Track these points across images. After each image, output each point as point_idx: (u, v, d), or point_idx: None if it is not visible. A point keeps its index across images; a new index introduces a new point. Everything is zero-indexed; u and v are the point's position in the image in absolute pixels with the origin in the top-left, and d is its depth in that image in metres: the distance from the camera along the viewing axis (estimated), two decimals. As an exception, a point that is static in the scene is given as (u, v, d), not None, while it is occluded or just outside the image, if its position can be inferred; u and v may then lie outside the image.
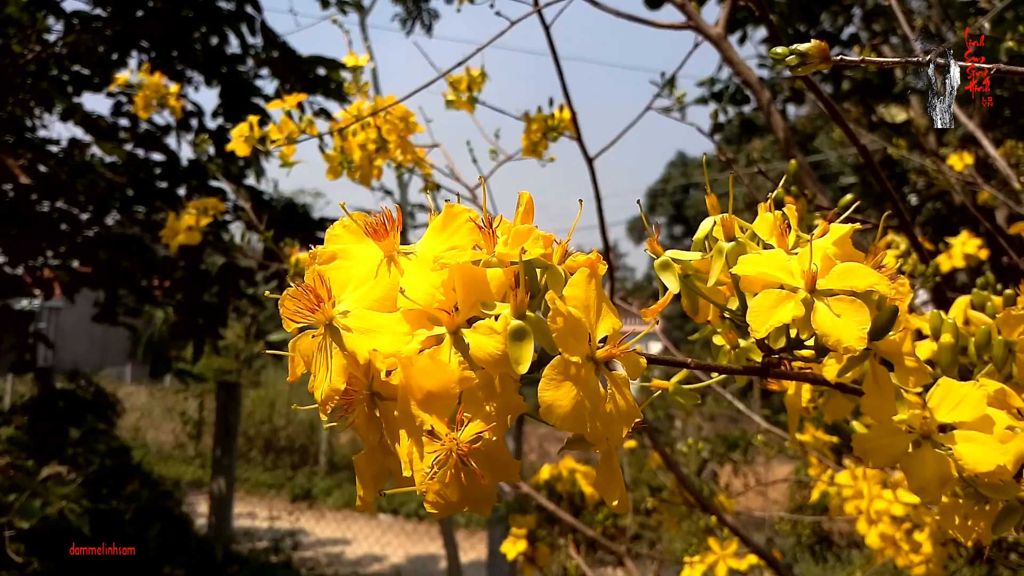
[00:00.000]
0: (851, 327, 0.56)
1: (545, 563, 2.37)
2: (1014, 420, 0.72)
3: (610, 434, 0.50)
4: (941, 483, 0.67)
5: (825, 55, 0.59)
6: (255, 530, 6.47)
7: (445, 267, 0.51)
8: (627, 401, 0.51)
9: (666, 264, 0.66)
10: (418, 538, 6.89)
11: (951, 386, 0.69)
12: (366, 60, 2.68)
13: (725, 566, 1.95)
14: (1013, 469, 0.70)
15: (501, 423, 0.51)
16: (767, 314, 0.58)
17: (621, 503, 0.53)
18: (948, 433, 0.68)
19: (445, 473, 0.49)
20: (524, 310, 0.49)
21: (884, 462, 0.69)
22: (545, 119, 2.04)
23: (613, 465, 0.53)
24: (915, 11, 4.90)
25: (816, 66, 0.60)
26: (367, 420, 0.55)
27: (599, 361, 0.50)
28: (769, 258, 0.61)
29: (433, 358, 0.49)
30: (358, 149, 1.87)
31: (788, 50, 0.61)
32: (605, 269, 0.54)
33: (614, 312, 0.53)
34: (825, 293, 0.58)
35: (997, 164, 2.64)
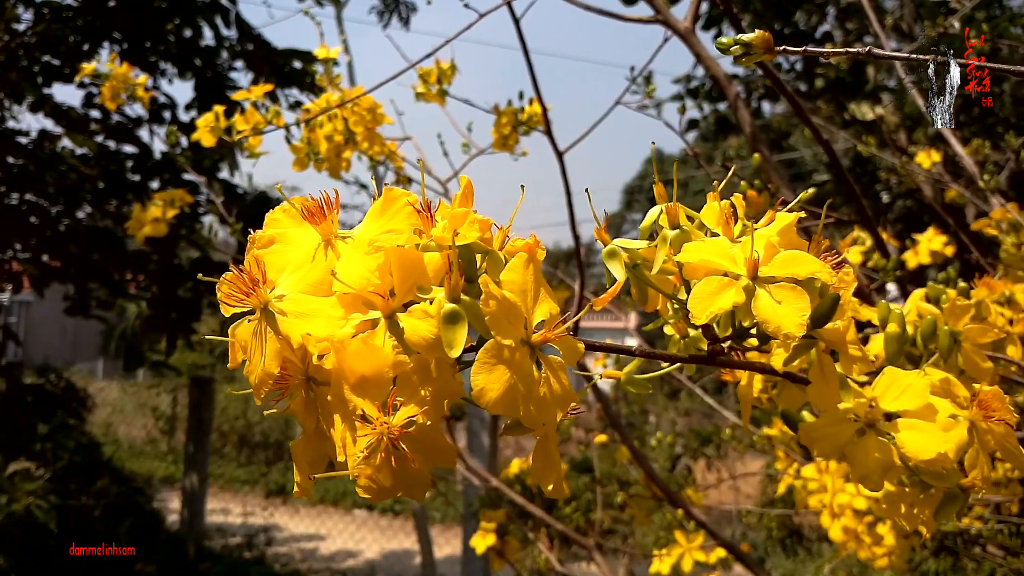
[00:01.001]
0: (791, 314, 0.57)
1: (514, 557, 2.38)
2: (957, 409, 0.73)
3: (545, 418, 0.50)
4: (883, 471, 0.68)
5: (769, 46, 0.60)
6: (228, 526, 6.42)
7: (380, 250, 0.50)
8: (562, 385, 0.51)
9: (613, 253, 0.66)
10: (393, 533, 6.88)
11: (896, 375, 0.69)
12: (337, 52, 2.66)
13: (691, 559, 1.96)
14: (955, 457, 0.70)
15: (436, 408, 0.50)
16: (708, 301, 0.58)
17: (556, 489, 0.53)
18: (892, 422, 0.69)
19: (376, 457, 0.49)
20: (458, 294, 0.48)
21: (829, 451, 0.70)
22: (515, 112, 2.04)
23: (549, 450, 0.53)
24: (888, 11, 4.95)
25: (760, 56, 0.60)
26: (304, 405, 0.54)
27: (535, 345, 0.50)
28: (712, 246, 0.61)
29: (365, 342, 0.49)
30: (324, 141, 1.86)
31: (732, 40, 0.61)
32: (544, 254, 0.54)
33: (552, 297, 0.52)
34: (767, 280, 0.58)
35: (964, 162, 2.68)
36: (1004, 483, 2.04)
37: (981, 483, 0.71)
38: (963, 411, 0.71)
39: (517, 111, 2.05)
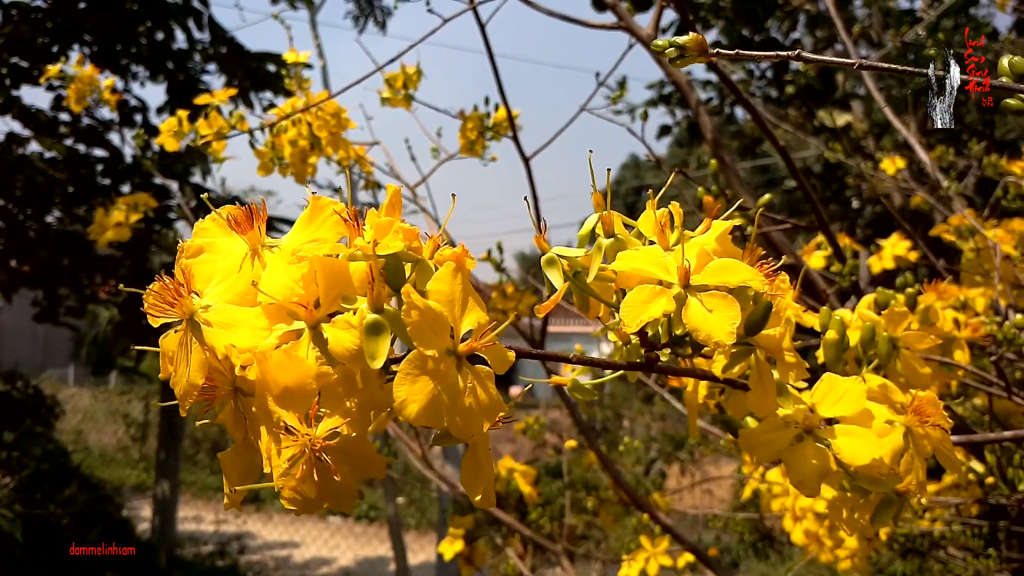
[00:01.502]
0: (721, 322, 0.57)
1: (483, 563, 2.37)
2: (894, 415, 0.74)
3: (471, 428, 0.50)
4: (820, 477, 0.68)
5: (702, 48, 0.60)
6: (201, 534, 6.36)
7: (304, 260, 0.50)
8: (490, 395, 0.51)
9: (552, 260, 0.66)
10: (367, 540, 6.84)
11: (834, 381, 0.70)
12: (307, 56, 2.65)
13: (656, 563, 1.97)
14: (890, 462, 0.71)
15: (362, 419, 0.50)
16: (639, 309, 0.58)
17: (485, 498, 0.53)
18: (830, 428, 0.70)
19: (299, 469, 0.48)
20: (381, 304, 0.48)
21: (768, 457, 0.70)
22: (480, 118, 2.04)
23: (479, 459, 0.53)
24: (858, 19, 5.02)
25: (695, 59, 0.61)
26: (233, 416, 0.54)
27: (461, 355, 0.50)
28: (646, 254, 0.61)
29: (287, 353, 0.48)
30: (288, 146, 1.85)
31: (667, 42, 0.61)
32: (474, 264, 0.54)
33: (481, 307, 0.52)
34: (698, 289, 0.59)
35: (928, 169, 2.72)
36: (964, 485, 2.07)
37: (916, 488, 0.71)
38: (899, 417, 0.72)
39: (483, 116, 2.05)
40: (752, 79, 4.53)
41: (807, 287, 1.64)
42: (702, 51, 0.59)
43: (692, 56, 0.60)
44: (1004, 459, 1.43)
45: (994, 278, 1.70)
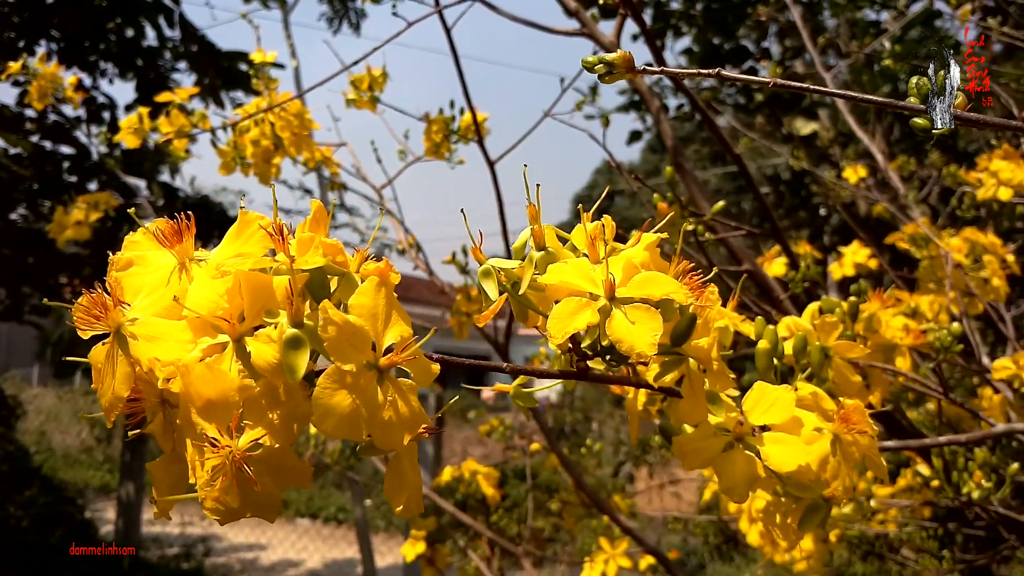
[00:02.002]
0: (644, 334, 0.58)
1: (445, 564, 2.38)
2: (823, 422, 0.76)
3: (390, 441, 0.51)
4: (748, 483, 0.70)
5: (630, 65, 0.61)
6: (166, 536, 6.29)
7: (227, 274, 0.51)
8: (411, 407, 0.52)
9: (487, 272, 0.68)
10: (335, 542, 6.80)
11: (765, 390, 0.72)
12: (274, 56, 2.64)
13: (615, 565, 1.98)
14: (817, 468, 0.73)
15: (285, 430, 0.51)
16: (565, 321, 0.59)
17: (407, 509, 0.54)
18: (759, 435, 0.71)
19: (221, 480, 0.49)
20: (301, 318, 0.49)
21: (699, 464, 0.72)
22: (446, 121, 2.05)
23: (401, 470, 0.54)
24: (827, 30, 5.09)
25: (623, 75, 0.62)
26: (163, 427, 0.55)
27: (382, 369, 0.51)
28: (574, 267, 0.62)
29: (210, 366, 0.49)
30: (251, 145, 1.84)
31: (597, 59, 0.62)
32: (399, 279, 0.55)
33: (405, 320, 0.53)
34: (624, 301, 0.60)
35: (889, 177, 2.77)
36: (917, 488, 2.12)
37: (843, 493, 0.74)
38: (828, 424, 0.74)
39: (448, 119, 2.06)
40: (723, 86, 4.58)
41: (765, 293, 1.67)
42: (629, 68, 0.61)
43: (620, 73, 0.61)
44: (950, 463, 1.46)
45: (946, 286, 1.74)
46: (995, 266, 1.69)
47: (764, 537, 1.88)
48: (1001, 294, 1.68)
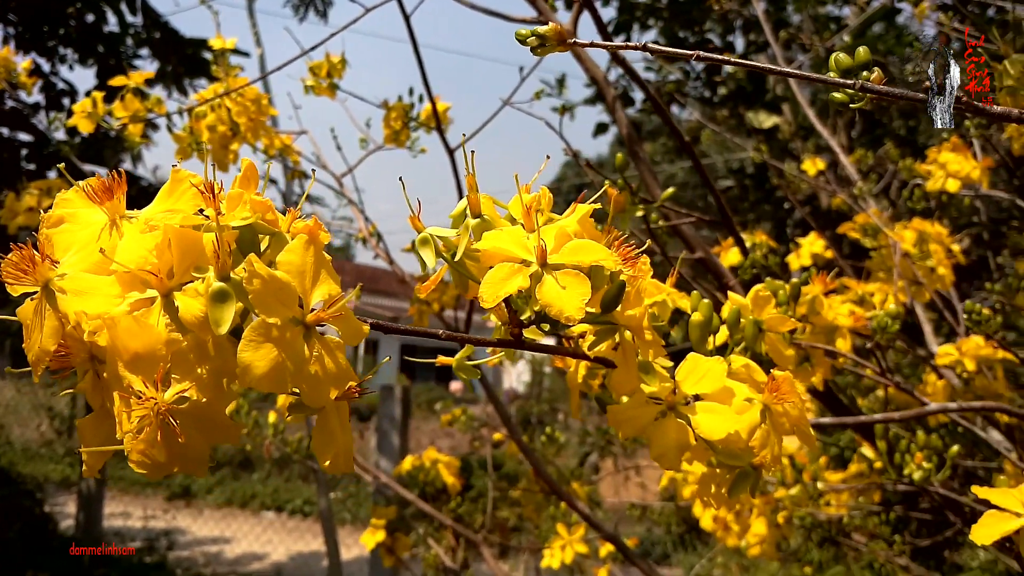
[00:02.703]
0: (572, 298, 0.60)
1: (404, 552, 2.38)
2: (754, 393, 0.78)
3: (317, 396, 0.52)
4: (679, 451, 0.72)
5: (562, 39, 0.63)
6: (128, 530, 6.21)
7: (156, 229, 0.51)
8: (338, 364, 0.52)
9: (425, 240, 0.69)
10: (300, 535, 6.77)
11: (697, 361, 0.74)
12: (234, 43, 2.61)
13: (572, 551, 2.01)
14: (747, 437, 0.75)
15: (214, 385, 0.51)
16: (498, 285, 0.60)
17: (334, 463, 0.54)
18: (691, 405, 0.73)
19: (147, 433, 0.49)
20: (227, 273, 0.49)
21: (632, 432, 0.74)
22: (404, 108, 2.05)
23: (330, 426, 0.55)
24: (792, 24, 5.16)
25: (554, 48, 0.63)
26: (92, 384, 0.55)
27: (309, 325, 0.51)
28: (508, 234, 0.63)
29: (137, 319, 0.49)
30: (207, 131, 1.83)
31: (529, 32, 0.64)
32: (328, 238, 0.56)
33: (334, 279, 0.54)
34: (554, 267, 0.61)
35: (847, 171, 2.82)
36: (867, 474, 2.17)
37: (771, 461, 0.76)
38: (758, 395, 0.76)
39: (407, 107, 2.06)
40: (688, 80, 4.63)
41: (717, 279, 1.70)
42: (561, 41, 0.62)
43: (552, 46, 0.63)
44: (894, 445, 1.50)
45: (895, 275, 1.78)
46: (941, 255, 1.73)
47: (717, 522, 1.92)
48: (947, 282, 1.73)
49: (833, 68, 0.57)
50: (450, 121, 2.33)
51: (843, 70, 0.56)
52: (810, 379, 1.18)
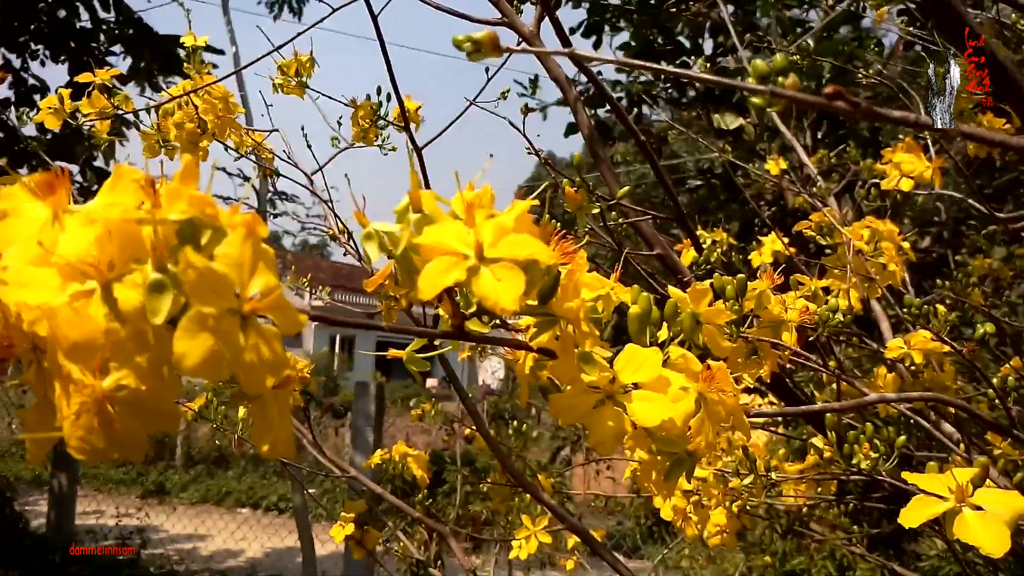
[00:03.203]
0: (508, 290, 0.62)
1: (374, 546, 2.40)
2: (690, 382, 0.81)
3: (254, 383, 0.54)
4: (616, 437, 0.75)
5: (496, 44, 0.65)
6: (101, 528, 6.16)
7: (96, 222, 0.53)
8: (274, 352, 0.55)
9: (370, 235, 0.71)
10: (275, 531, 6.76)
11: (635, 351, 0.77)
12: (206, 40, 2.61)
13: (536, 541, 2.04)
14: (681, 424, 0.78)
15: (153, 373, 0.53)
16: (436, 278, 0.63)
17: (273, 449, 0.57)
18: (629, 393, 0.76)
19: (84, 419, 0.51)
20: (164, 264, 0.52)
21: (572, 419, 0.76)
22: (373, 107, 2.06)
23: (267, 413, 0.57)
24: (761, 28, 5.22)
25: (489, 54, 0.66)
26: (36, 375, 0.57)
27: (245, 314, 0.54)
28: (447, 228, 0.66)
29: (77, 309, 0.51)
30: (174, 128, 1.83)
31: (465, 37, 0.66)
32: (267, 232, 0.58)
33: (272, 270, 0.56)
34: (491, 261, 0.64)
35: (809, 171, 2.87)
36: (824, 465, 2.21)
37: (705, 448, 0.79)
38: (694, 384, 0.79)
39: (375, 105, 2.08)
40: (659, 81, 4.67)
41: (675, 275, 1.73)
42: (495, 46, 0.64)
43: (487, 51, 0.65)
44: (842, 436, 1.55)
45: (848, 271, 1.83)
46: (892, 252, 1.78)
47: (677, 512, 1.96)
48: (897, 279, 1.78)
49: (752, 74, 0.60)
50: (421, 120, 2.35)
51: (759, 76, 0.59)
52: (758, 371, 1.22)
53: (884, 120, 0.51)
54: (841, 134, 4.08)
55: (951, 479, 0.83)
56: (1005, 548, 0.77)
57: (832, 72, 3.78)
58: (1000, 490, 0.82)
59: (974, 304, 2.76)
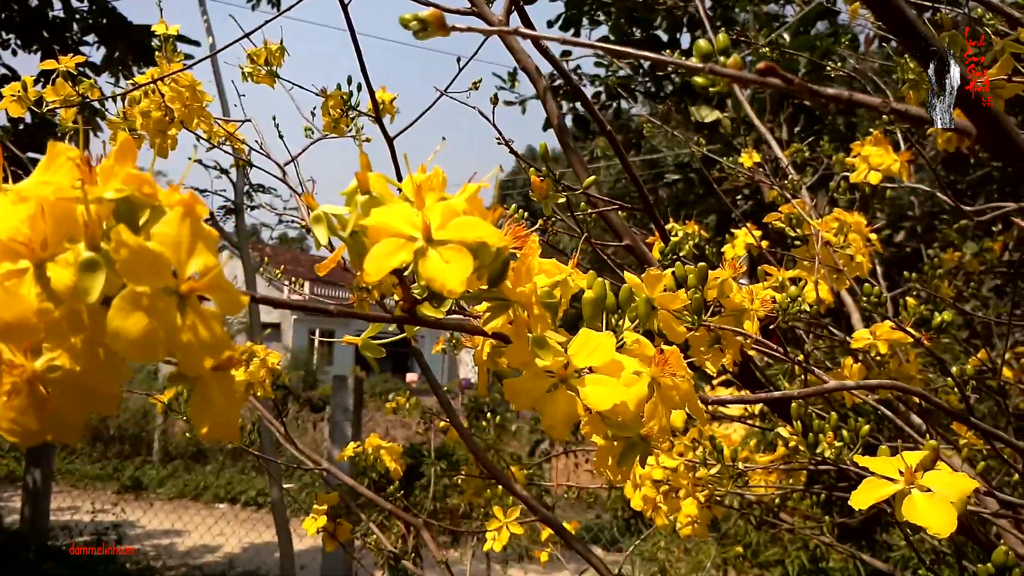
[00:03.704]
0: (455, 272, 0.62)
1: (346, 538, 2.40)
2: (643, 366, 0.81)
3: (191, 363, 0.53)
4: (568, 421, 0.75)
5: (442, 23, 0.65)
6: (76, 524, 6.11)
7: (28, 200, 0.52)
8: (212, 333, 0.54)
9: (319, 218, 0.71)
10: (253, 526, 6.72)
11: (589, 335, 0.77)
12: (177, 29, 2.58)
13: (507, 533, 2.04)
14: (634, 408, 0.78)
15: (88, 354, 0.53)
16: (381, 260, 0.63)
17: (212, 432, 0.56)
18: (582, 377, 0.76)
19: (17, 400, 0.51)
20: (97, 243, 0.51)
21: (526, 404, 0.76)
22: (343, 96, 2.05)
23: (206, 395, 0.57)
24: (739, 23, 5.24)
25: (436, 33, 0.66)
26: (-28, 357, 0.56)
27: (183, 294, 0.53)
28: (394, 210, 0.66)
29: (8, 290, 0.50)
30: (140, 116, 1.81)
31: (411, 16, 0.66)
32: (207, 212, 0.57)
33: (211, 251, 0.56)
34: (440, 243, 0.64)
35: (783, 164, 2.89)
36: (791, 455, 2.23)
37: (658, 433, 0.79)
38: (647, 368, 0.79)
39: (346, 95, 2.07)
40: (638, 74, 4.68)
41: (643, 265, 1.74)
42: (441, 25, 0.64)
43: (434, 30, 0.65)
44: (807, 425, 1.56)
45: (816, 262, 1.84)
46: (859, 244, 1.79)
47: (647, 502, 1.97)
48: (864, 270, 1.79)
49: (696, 53, 0.60)
50: (396, 111, 2.34)
51: (702, 55, 0.59)
52: (721, 360, 1.23)
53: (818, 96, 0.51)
54: (816, 129, 4.11)
55: (901, 462, 0.84)
56: (951, 529, 0.78)
57: (808, 67, 3.80)
58: (949, 472, 0.83)
59: (942, 297, 2.79)
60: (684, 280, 1.16)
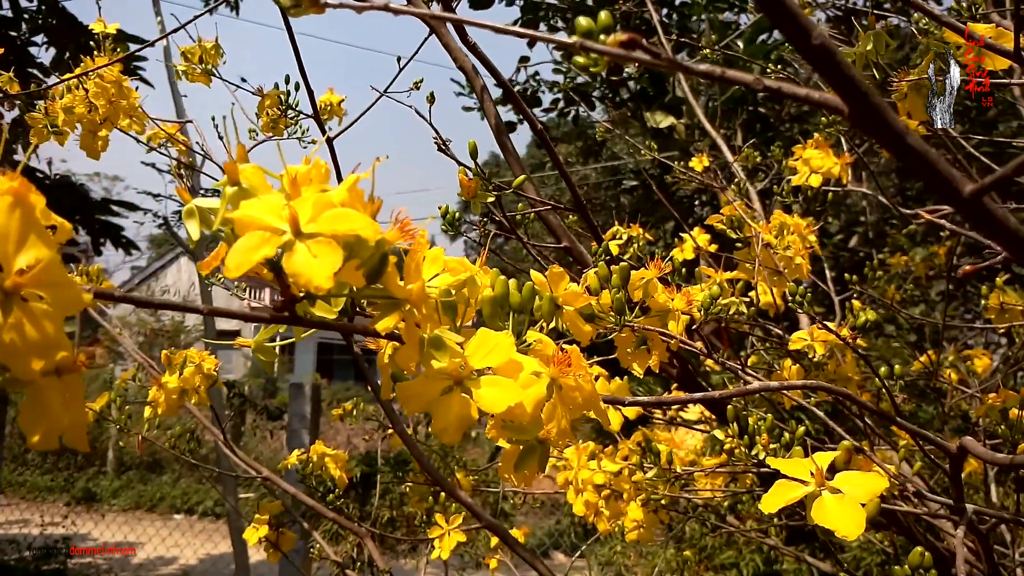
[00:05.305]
0: (322, 267, 0.59)
1: (290, 548, 2.34)
2: (543, 367, 0.78)
3: (18, 366, 0.50)
4: (460, 424, 0.72)
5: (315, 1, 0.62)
6: (25, 538, 5.93)
7: None
8: (43, 332, 0.50)
9: (191, 212, 0.67)
10: (208, 536, 6.58)
11: (486, 335, 0.74)
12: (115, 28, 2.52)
13: (452, 540, 2.01)
14: (532, 410, 0.75)
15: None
16: (244, 255, 0.59)
17: (44, 440, 0.52)
18: (477, 379, 0.73)
19: None
20: (-95, 233, 0.47)
21: (419, 408, 0.73)
22: (280, 96, 2.01)
23: (39, 400, 0.53)
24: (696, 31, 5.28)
25: (309, 11, 0.62)
26: None
27: (8, 290, 0.49)
28: (262, 202, 0.62)
29: None
30: (62, 112, 1.75)
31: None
32: (43, 202, 0.53)
33: (46, 244, 0.52)
34: (309, 236, 0.60)
35: (734, 170, 2.90)
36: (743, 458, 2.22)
37: (558, 436, 0.76)
38: (547, 369, 0.76)
39: (284, 94, 2.02)
40: (595, 83, 4.67)
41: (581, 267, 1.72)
42: (314, 3, 0.61)
43: (306, 7, 0.61)
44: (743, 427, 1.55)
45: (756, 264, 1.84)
46: (799, 245, 1.79)
47: (588, 507, 1.94)
48: (804, 272, 1.79)
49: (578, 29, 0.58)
50: (344, 113, 2.30)
51: (582, 32, 0.57)
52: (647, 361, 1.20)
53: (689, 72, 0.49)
54: (770, 136, 4.14)
55: (812, 463, 0.82)
56: (860, 531, 0.76)
57: (761, 74, 3.83)
58: (859, 472, 0.82)
59: (886, 300, 2.81)
60: (608, 280, 1.14)
